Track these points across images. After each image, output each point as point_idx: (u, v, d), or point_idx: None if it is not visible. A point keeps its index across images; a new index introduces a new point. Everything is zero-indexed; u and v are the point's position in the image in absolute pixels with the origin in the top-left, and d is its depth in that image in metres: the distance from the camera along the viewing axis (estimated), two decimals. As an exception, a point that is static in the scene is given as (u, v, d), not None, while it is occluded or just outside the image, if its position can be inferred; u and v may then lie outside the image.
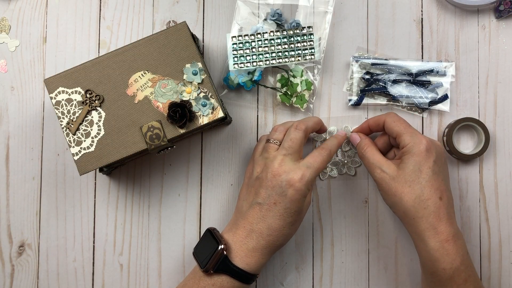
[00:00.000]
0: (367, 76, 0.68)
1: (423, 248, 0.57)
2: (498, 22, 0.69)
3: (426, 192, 0.57)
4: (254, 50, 0.65)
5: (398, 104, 0.68)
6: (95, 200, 0.69)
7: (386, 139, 0.65)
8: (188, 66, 0.59)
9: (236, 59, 0.65)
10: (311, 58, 0.65)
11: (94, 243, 0.69)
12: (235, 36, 0.65)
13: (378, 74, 0.68)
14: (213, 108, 0.59)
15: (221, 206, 0.69)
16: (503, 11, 0.68)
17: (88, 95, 0.59)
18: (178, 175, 0.69)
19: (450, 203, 0.59)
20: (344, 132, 0.66)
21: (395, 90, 0.68)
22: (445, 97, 0.68)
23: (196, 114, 0.59)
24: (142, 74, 0.59)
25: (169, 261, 0.69)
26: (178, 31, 0.60)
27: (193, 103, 0.59)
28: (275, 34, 0.65)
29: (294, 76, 0.67)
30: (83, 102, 0.59)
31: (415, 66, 0.68)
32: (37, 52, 0.70)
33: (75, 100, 0.59)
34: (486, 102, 0.69)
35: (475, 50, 0.69)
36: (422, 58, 0.69)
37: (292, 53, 0.65)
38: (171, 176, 0.69)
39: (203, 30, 0.70)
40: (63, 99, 0.59)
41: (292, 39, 0.65)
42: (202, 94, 0.59)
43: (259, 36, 0.65)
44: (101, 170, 0.66)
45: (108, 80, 0.59)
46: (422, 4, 0.69)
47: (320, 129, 0.64)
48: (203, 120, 0.59)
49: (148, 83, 0.59)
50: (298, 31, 0.65)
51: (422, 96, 0.67)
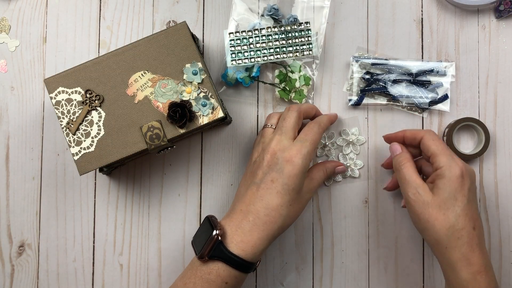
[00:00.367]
0: (367, 76, 0.68)
1: (454, 278, 0.55)
2: (498, 22, 0.69)
3: (461, 222, 0.55)
4: (251, 46, 0.65)
5: (398, 104, 0.68)
6: (95, 200, 0.69)
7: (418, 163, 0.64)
8: (188, 66, 0.59)
9: (233, 55, 0.65)
10: (309, 53, 0.65)
11: (94, 243, 0.69)
12: (232, 33, 0.65)
13: (378, 74, 0.68)
14: (213, 108, 0.59)
15: (221, 206, 0.69)
16: (503, 11, 0.68)
17: (88, 95, 0.59)
18: (178, 175, 0.69)
19: (482, 232, 0.57)
20: (335, 114, 0.66)
21: (395, 90, 0.68)
22: (445, 97, 0.68)
23: (196, 114, 0.59)
24: (142, 74, 0.59)
25: (169, 261, 0.69)
26: (178, 31, 0.60)
27: (193, 103, 0.59)
28: (273, 30, 0.65)
29: (292, 72, 0.67)
30: (83, 102, 0.59)
31: (415, 66, 0.68)
32: (37, 52, 0.70)
33: (75, 100, 0.59)
34: (486, 102, 0.69)
35: (475, 50, 0.69)
36: (422, 58, 0.69)
37: (290, 48, 0.65)
38: (171, 176, 0.69)
39: (203, 30, 0.70)
40: (63, 99, 0.59)
41: (289, 34, 0.65)
42: (202, 94, 0.59)
43: (256, 32, 0.65)
44: (101, 170, 0.66)
45: (108, 80, 0.59)
46: (422, 4, 0.69)
47: (315, 114, 0.64)
48: (203, 120, 0.59)
49: (148, 83, 0.59)
50: (295, 27, 0.65)
51: (422, 96, 0.67)
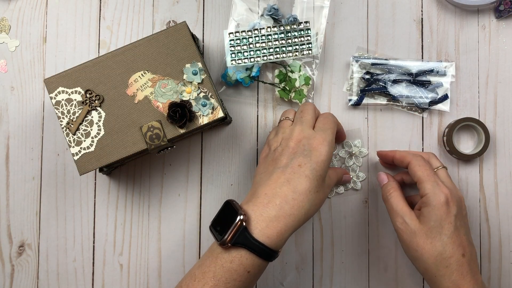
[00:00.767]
0: (367, 76, 0.68)
1: None
2: (498, 22, 0.69)
3: (448, 250, 0.55)
4: (251, 46, 0.65)
5: (398, 104, 0.68)
6: (95, 200, 0.69)
7: (408, 179, 0.64)
8: (188, 66, 0.59)
9: (233, 55, 0.65)
10: (309, 53, 0.65)
11: (94, 243, 0.69)
12: (232, 33, 0.65)
13: (378, 74, 0.68)
14: (213, 108, 0.59)
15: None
16: (503, 11, 0.68)
17: (88, 95, 0.59)
18: (178, 175, 0.69)
19: (473, 258, 0.56)
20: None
21: (395, 90, 0.68)
22: (445, 97, 0.68)
23: (196, 114, 0.59)
24: (142, 74, 0.59)
25: (169, 261, 0.69)
26: (178, 31, 0.60)
27: (193, 103, 0.59)
28: (272, 29, 0.65)
29: (292, 71, 0.67)
30: (83, 102, 0.59)
31: (415, 66, 0.68)
32: (37, 52, 0.70)
33: (75, 100, 0.59)
34: (486, 102, 0.69)
35: (475, 50, 0.69)
36: (422, 58, 0.69)
37: (290, 48, 0.65)
38: (171, 176, 0.69)
39: (203, 30, 0.70)
40: (63, 99, 0.59)
41: (289, 34, 0.65)
42: (202, 94, 0.59)
43: (256, 32, 0.65)
44: (101, 170, 0.66)
45: (108, 80, 0.59)
46: (422, 4, 0.69)
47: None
48: (203, 120, 0.59)
49: (148, 83, 0.59)
50: (295, 26, 0.65)
51: (422, 96, 0.67)
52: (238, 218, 0.52)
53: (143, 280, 0.69)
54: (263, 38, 0.65)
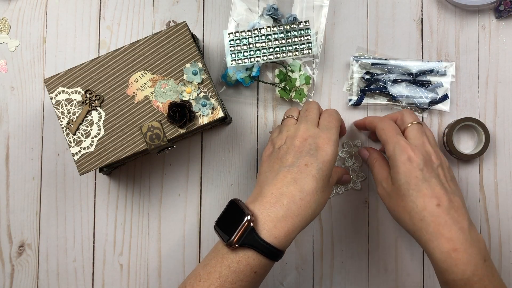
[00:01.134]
0: (367, 76, 0.68)
1: (431, 259, 0.54)
2: (498, 22, 0.69)
3: (419, 203, 0.54)
4: (251, 46, 0.65)
5: (398, 104, 0.68)
6: (95, 200, 0.69)
7: None
8: (188, 66, 0.59)
9: (233, 55, 0.65)
10: (309, 53, 0.65)
11: (94, 243, 0.69)
12: (232, 33, 0.65)
13: (378, 74, 0.68)
14: (213, 108, 0.59)
15: (221, 206, 0.69)
16: (503, 11, 0.68)
17: (88, 95, 0.59)
18: (178, 175, 0.69)
19: (454, 205, 0.54)
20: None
21: (395, 90, 0.68)
22: (445, 97, 0.68)
23: (196, 114, 0.59)
24: (142, 74, 0.59)
25: (169, 261, 0.69)
26: (178, 31, 0.60)
27: (193, 103, 0.59)
28: (272, 29, 0.65)
29: (292, 71, 0.67)
30: (83, 102, 0.59)
31: (415, 66, 0.68)
32: (37, 52, 0.70)
33: (75, 100, 0.59)
34: (486, 102, 0.69)
35: (475, 50, 0.69)
36: (422, 58, 0.69)
37: (290, 48, 0.65)
38: (171, 176, 0.69)
39: (203, 30, 0.70)
40: (63, 99, 0.59)
41: (289, 34, 0.65)
42: (202, 94, 0.59)
43: (256, 32, 0.65)
44: (101, 170, 0.66)
45: (108, 80, 0.59)
46: (422, 4, 0.69)
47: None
48: (203, 120, 0.59)
49: (148, 83, 0.59)
50: (295, 26, 0.65)
51: (422, 96, 0.67)
52: (246, 218, 0.51)
53: (143, 280, 0.69)
54: (263, 38, 0.65)
